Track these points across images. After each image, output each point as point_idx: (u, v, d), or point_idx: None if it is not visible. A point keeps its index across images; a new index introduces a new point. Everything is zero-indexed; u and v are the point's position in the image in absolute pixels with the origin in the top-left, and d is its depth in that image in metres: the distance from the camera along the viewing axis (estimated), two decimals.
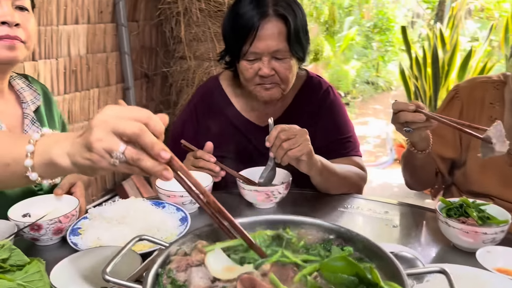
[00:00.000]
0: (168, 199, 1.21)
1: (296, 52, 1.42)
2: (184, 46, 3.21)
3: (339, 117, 1.60)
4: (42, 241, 1.06)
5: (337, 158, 1.56)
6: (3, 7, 1.11)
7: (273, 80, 1.42)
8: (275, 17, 1.38)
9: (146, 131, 0.63)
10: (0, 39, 1.11)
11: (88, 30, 2.95)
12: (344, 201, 1.37)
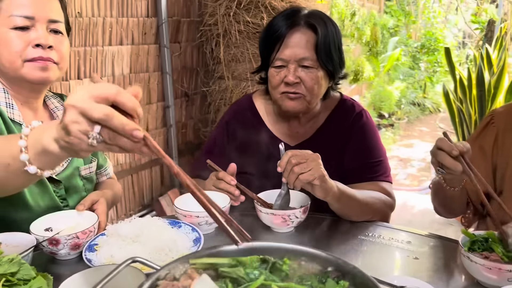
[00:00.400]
0: (185, 218, 1.22)
1: (325, 64, 1.42)
2: (223, 66, 3.28)
3: (369, 140, 1.57)
4: (60, 256, 1.10)
5: (364, 182, 1.52)
6: (38, 31, 1.18)
7: (298, 89, 1.43)
8: (305, 27, 1.42)
9: (113, 114, 0.63)
10: (34, 61, 1.18)
11: (132, 50, 3.08)
12: (366, 228, 1.32)
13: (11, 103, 1.23)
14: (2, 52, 1.17)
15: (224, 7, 3.17)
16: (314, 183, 1.20)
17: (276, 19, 1.46)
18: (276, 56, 1.43)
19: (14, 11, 1.15)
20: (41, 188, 1.25)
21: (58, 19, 1.23)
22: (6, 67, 1.18)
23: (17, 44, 1.16)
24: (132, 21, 3.04)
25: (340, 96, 1.63)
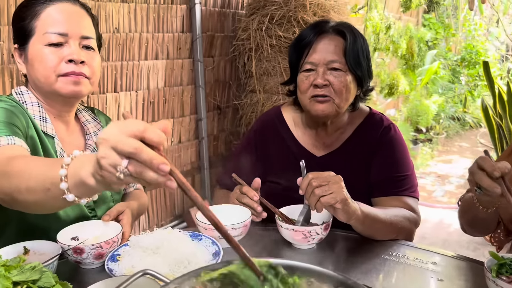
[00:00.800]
0: (206, 231, 1.23)
1: (353, 68, 1.44)
2: (255, 80, 3.31)
3: (397, 154, 1.55)
4: (84, 264, 1.14)
5: (389, 196, 1.49)
6: (71, 46, 1.23)
7: (326, 91, 1.44)
8: (333, 33, 1.46)
9: (142, 149, 0.65)
10: (67, 75, 1.23)
11: (167, 65, 3.17)
12: (390, 247, 1.29)
13: (45, 117, 1.29)
14: (37, 68, 1.23)
15: (256, 22, 3.22)
16: (336, 206, 1.18)
17: (304, 30, 1.51)
18: (305, 60, 1.46)
19: (48, 29, 1.22)
20: None
21: (90, 36, 1.28)
22: (41, 81, 1.24)
23: (51, 59, 1.21)
24: (168, 36, 3.13)
25: (369, 110, 1.63)
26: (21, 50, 1.27)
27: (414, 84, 5.95)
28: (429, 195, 4.93)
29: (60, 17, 1.23)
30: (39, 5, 1.23)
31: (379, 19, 4.39)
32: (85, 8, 1.31)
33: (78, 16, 1.27)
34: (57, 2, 1.24)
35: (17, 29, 1.27)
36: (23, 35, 1.24)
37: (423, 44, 5.25)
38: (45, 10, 1.22)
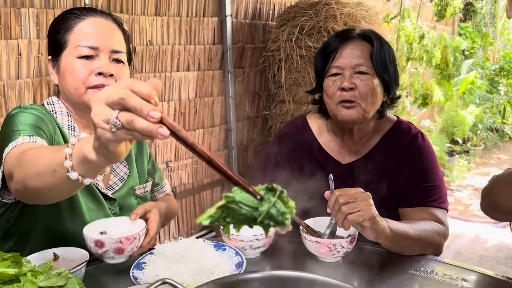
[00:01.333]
0: (229, 242, 1.24)
1: (380, 73, 1.44)
2: (284, 90, 3.32)
3: (425, 163, 1.50)
4: (106, 259, 1.16)
5: (417, 207, 1.46)
6: (101, 60, 1.27)
7: (353, 95, 1.43)
8: (359, 38, 1.48)
9: (131, 94, 0.65)
10: (96, 87, 1.27)
11: (198, 76, 3.23)
12: (418, 262, 1.25)
13: (73, 126, 1.34)
14: (68, 79, 1.28)
15: (287, 33, 3.24)
16: (364, 224, 1.16)
17: (330, 38, 1.53)
18: (331, 65, 1.47)
19: (80, 42, 1.26)
20: (97, 205, 1.34)
21: (120, 50, 1.32)
22: (71, 93, 1.29)
23: (81, 72, 1.26)
24: (199, 48, 3.20)
25: (397, 118, 1.61)
26: (54, 61, 1.32)
27: (450, 94, 5.79)
28: (466, 209, 4.77)
29: (92, 31, 1.27)
30: (73, 19, 1.28)
31: (412, 28, 4.32)
32: (117, 23, 1.35)
33: (110, 30, 1.31)
34: (90, 16, 1.29)
35: (52, 42, 1.32)
36: (56, 47, 1.30)
37: (458, 53, 5.12)
38: (78, 24, 1.27)
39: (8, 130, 1.17)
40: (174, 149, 3.17)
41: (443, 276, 1.17)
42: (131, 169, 1.45)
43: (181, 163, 3.21)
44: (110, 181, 1.40)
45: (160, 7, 2.90)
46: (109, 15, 1.34)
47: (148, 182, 1.53)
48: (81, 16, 1.28)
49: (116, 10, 2.65)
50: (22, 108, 1.26)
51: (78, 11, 1.30)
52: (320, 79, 1.54)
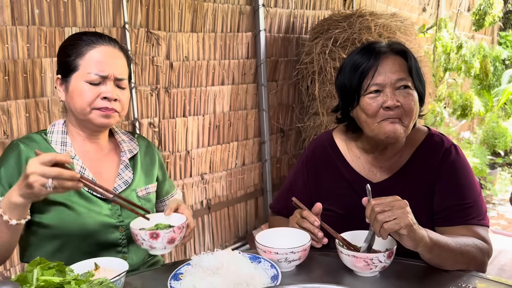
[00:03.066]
0: (264, 254, 1.24)
1: (418, 87, 1.41)
2: (318, 102, 3.32)
3: (461, 180, 1.44)
4: (157, 249, 1.25)
5: (456, 226, 1.40)
6: (107, 86, 1.40)
7: (398, 113, 1.37)
8: (393, 53, 1.41)
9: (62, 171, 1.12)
10: (100, 109, 1.40)
11: (232, 90, 3.28)
12: (460, 278, 1.21)
13: (65, 142, 1.46)
14: (76, 100, 1.40)
15: (320, 46, 3.25)
16: (401, 232, 1.14)
17: (355, 57, 1.44)
18: (370, 82, 1.38)
19: (91, 70, 1.38)
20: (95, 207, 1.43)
21: (124, 77, 1.45)
22: (77, 111, 1.41)
23: (89, 95, 1.38)
24: (233, 63, 3.25)
25: (428, 130, 1.55)
26: (63, 80, 1.44)
27: (490, 105, 5.60)
28: (510, 224, 4.57)
29: (102, 60, 1.40)
30: (84, 46, 1.40)
31: (449, 38, 4.23)
32: (122, 51, 1.48)
33: (116, 58, 1.44)
34: (100, 45, 1.41)
35: (62, 63, 1.44)
36: (67, 69, 1.42)
37: (499, 63, 4.96)
38: (89, 52, 1.40)
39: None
40: (209, 162, 3.22)
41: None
42: (135, 174, 1.55)
43: (215, 176, 3.25)
44: (115, 183, 1.49)
45: (196, 23, 2.97)
46: (116, 43, 1.47)
47: (150, 185, 1.59)
48: (91, 44, 1.40)
49: (154, 27, 2.75)
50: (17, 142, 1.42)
51: (89, 38, 1.42)
52: (349, 97, 1.45)
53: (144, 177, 1.57)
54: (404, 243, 1.17)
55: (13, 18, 2.18)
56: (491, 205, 5.12)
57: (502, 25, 7.45)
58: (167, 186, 1.69)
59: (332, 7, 3.94)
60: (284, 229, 1.38)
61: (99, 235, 1.39)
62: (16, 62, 2.21)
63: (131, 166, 1.56)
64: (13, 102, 2.23)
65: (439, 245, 1.21)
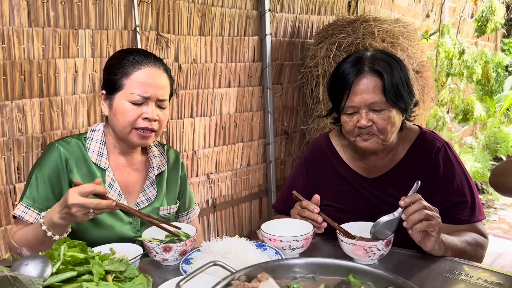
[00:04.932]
0: (270, 242, 1.32)
1: (395, 103, 1.44)
2: (322, 105, 3.40)
3: (455, 178, 1.53)
4: (169, 261, 1.29)
5: (454, 224, 1.49)
6: (149, 107, 1.44)
7: (370, 131, 1.46)
8: (370, 73, 1.45)
9: (100, 202, 1.22)
10: (139, 129, 1.44)
11: (238, 92, 3.36)
12: (454, 266, 1.28)
13: (102, 152, 1.51)
14: (118, 118, 1.45)
15: (324, 50, 3.32)
16: (432, 234, 1.25)
17: (341, 67, 1.50)
18: (346, 104, 1.47)
19: (135, 91, 1.43)
20: (117, 219, 1.50)
21: (165, 98, 1.49)
22: (119, 129, 1.47)
23: (131, 115, 1.43)
24: (240, 66, 3.34)
25: (419, 129, 1.63)
26: (107, 97, 1.49)
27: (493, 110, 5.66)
28: (511, 228, 4.61)
29: (146, 81, 1.44)
30: (130, 66, 1.44)
31: (452, 44, 4.30)
32: (166, 72, 1.52)
33: (161, 79, 1.48)
34: (145, 66, 1.45)
35: (107, 80, 1.49)
36: (112, 87, 1.46)
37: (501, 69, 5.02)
38: (135, 73, 1.44)
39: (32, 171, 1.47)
40: (215, 162, 3.30)
41: (477, 279, 1.19)
42: (159, 192, 1.59)
43: (221, 175, 3.33)
44: (138, 199, 1.55)
45: (204, 27, 3.07)
46: (161, 63, 1.51)
47: (173, 205, 1.64)
48: (137, 64, 1.44)
49: (164, 30, 2.84)
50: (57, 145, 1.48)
51: (135, 58, 1.45)
52: (336, 103, 1.53)
53: (167, 195, 1.61)
54: (426, 244, 1.29)
55: (29, 20, 2.27)
56: (492, 209, 5.17)
57: (505, 32, 7.51)
58: (187, 204, 1.73)
59: (336, 12, 4.02)
60: (288, 220, 1.46)
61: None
62: (31, 62, 2.30)
63: (157, 183, 1.60)
64: (28, 101, 2.32)
65: (450, 247, 1.34)
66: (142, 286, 0.89)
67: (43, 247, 1.26)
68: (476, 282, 1.18)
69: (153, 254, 1.28)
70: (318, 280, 0.75)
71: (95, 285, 0.80)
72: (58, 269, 0.84)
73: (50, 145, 1.50)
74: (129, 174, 1.56)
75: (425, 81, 3.33)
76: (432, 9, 5.46)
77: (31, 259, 0.83)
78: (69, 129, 2.49)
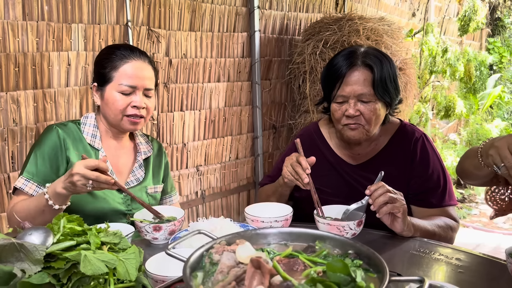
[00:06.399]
0: (252, 223, 1.43)
1: (382, 97, 1.57)
2: (309, 101, 3.51)
3: (431, 165, 1.66)
4: (159, 240, 1.39)
5: (429, 208, 1.61)
6: (137, 96, 1.61)
7: (357, 120, 1.58)
8: (362, 66, 1.57)
9: (100, 175, 1.32)
10: (129, 116, 1.61)
11: (227, 87, 3.46)
12: (421, 245, 1.40)
13: (95, 134, 1.67)
14: (110, 107, 1.62)
15: (311, 47, 3.43)
16: (398, 215, 1.36)
17: (336, 59, 1.62)
18: (337, 93, 1.59)
19: (123, 81, 1.60)
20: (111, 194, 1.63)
21: (151, 88, 1.66)
22: (111, 117, 1.64)
23: (121, 104, 1.60)
24: (229, 61, 3.43)
25: (400, 122, 1.75)
26: (99, 88, 1.65)
27: (476, 108, 5.83)
28: (489, 222, 4.78)
29: (133, 73, 1.61)
30: (118, 60, 1.61)
31: (435, 42, 4.44)
32: (151, 64, 1.69)
33: (146, 71, 1.65)
34: (132, 59, 1.62)
35: (98, 73, 1.66)
36: (102, 80, 1.63)
37: (484, 67, 5.18)
38: (123, 66, 1.61)
39: (32, 149, 1.59)
40: (204, 155, 3.39)
41: (439, 255, 1.31)
42: (147, 174, 1.75)
43: (210, 168, 3.42)
44: (128, 179, 1.70)
45: (194, 23, 3.15)
46: (146, 57, 1.68)
47: (158, 185, 1.80)
48: (124, 58, 1.61)
49: (155, 26, 2.92)
50: (55, 126, 1.63)
51: (122, 53, 1.62)
52: (328, 94, 1.66)
53: (153, 177, 1.77)
54: (394, 226, 1.40)
55: (24, 14, 2.34)
56: (474, 203, 5.34)
57: (490, 32, 7.69)
58: (169, 187, 1.89)
59: (324, 10, 4.13)
60: (270, 204, 1.57)
61: (109, 219, 1.53)
62: (26, 55, 2.37)
63: (144, 166, 1.76)
64: (22, 92, 2.39)
65: (418, 229, 1.46)
66: (135, 255, 0.98)
67: (43, 217, 1.40)
68: (438, 258, 1.30)
69: (143, 234, 1.38)
70: (288, 246, 0.85)
71: (92, 253, 0.90)
72: (58, 240, 0.94)
73: (49, 127, 1.64)
74: (120, 157, 1.72)
75: (408, 78, 3.46)
76: (418, 8, 5.59)
77: (35, 229, 0.92)
78: (62, 120, 2.56)
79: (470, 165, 1.40)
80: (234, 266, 0.74)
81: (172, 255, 0.84)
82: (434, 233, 1.50)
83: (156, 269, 1.05)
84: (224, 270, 0.73)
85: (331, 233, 0.87)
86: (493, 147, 1.20)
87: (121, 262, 0.93)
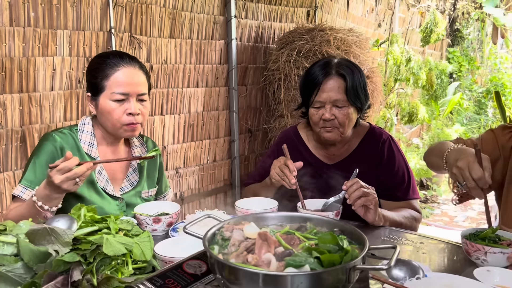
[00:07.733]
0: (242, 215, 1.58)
1: (354, 102, 1.77)
2: (283, 106, 3.69)
3: (397, 163, 1.87)
4: (158, 231, 1.51)
5: (395, 201, 1.81)
6: (131, 102, 1.62)
7: (333, 124, 1.78)
8: (336, 75, 1.77)
9: (79, 170, 1.37)
10: (127, 125, 1.63)
11: (206, 92, 3.59)
12: (391, 233, 1.60)
13: (92, 143, 1.69)
14: (106, 117, 1.63)
15: (286, 55, 3.62)
16: (370, 207, 1.55)
17: (313, 69, 1.82)
18: (315, 99, 1.78)
19: (115, 90, 1.60)
20: (105, 201, 1.69)
21: (144, 92, 1.67)
22: (109, 127, 1.66)
23: (116, 113, 1.62)
24: (207, 67, 3.57)
25: (369, 125, 1.97)
26: (93, 98, 1.67)
27: (437, 113, 6.19)
28: (451, 220, 5.10)
29: (125, 80, 1.62)
30: (108, 69, 1.62)
31: (400, 52, 4.73)
32: (142, 69, 1.70)
33: (137, 77, 1.65)
34: (122, 67, 1.63)
35: (90, 83, 1.67)
36: (95, 89, 1.64)
37: (444, 76, 5.54)
38: (114, 74, 1.61)
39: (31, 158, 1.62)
40: (183, 157, 3.51)
41: (406, 240, 1.51)
42: (141, 177, 1.79)
43: (189, 170, 3.54)
44: (123, 184, 1.75)
45: (174, 30, 3.27)
46: (136, 62, 1.69)
47: (153, 189, 1.86)
48: (114, 66, 1.62)
49: (136, 32, 3.03)
50: (53, 134, 1.64)
51: (112, 61, 1.63)
52: (306, 100, 1.84)
53: (147, 180, 1.81)
54: (367, 217, 1.58)
55: (11, 19, 2.39)
56: (436, 204, 5.67)
57: (450, 42, 8.16)
58: (163, 187, 1.95)
59: (296, 20, 4.33)
60: (258, 198, 1.73)
61: None
62: (12, 59, 2.42)
63: (139, 170, 1.79)
64: (8, 96, 2.43)
65: (388, 219, 1.65)
66: (149, 238, 1.12)
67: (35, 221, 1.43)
68: (405, 242, 1.50)
69: (144, 226, 1.50)
70: (284, 226, 1.02)
71: (113, 237, 1.03)
72: (80, 226, 1.06)
73: (47, 135, 1.66)
74: (115, 163, 1.75)
75: (375, 86, 3.70)
76: (384, 19, 5.91)
77: (61, 217, 1.05)
78: (47, 123, 2.62)
79: (435, 162, 1.61)
80: (243, 241, 0.89)
81: (190, 233, 0.99)
82: (401, 223, 1.71)
83: (164, 252, 1.18)
84: (235, 243, 0.88)
85: (319, 215, 1.04)
86: (456, 168, 1.38)
87: (137, 244, 1.06)
